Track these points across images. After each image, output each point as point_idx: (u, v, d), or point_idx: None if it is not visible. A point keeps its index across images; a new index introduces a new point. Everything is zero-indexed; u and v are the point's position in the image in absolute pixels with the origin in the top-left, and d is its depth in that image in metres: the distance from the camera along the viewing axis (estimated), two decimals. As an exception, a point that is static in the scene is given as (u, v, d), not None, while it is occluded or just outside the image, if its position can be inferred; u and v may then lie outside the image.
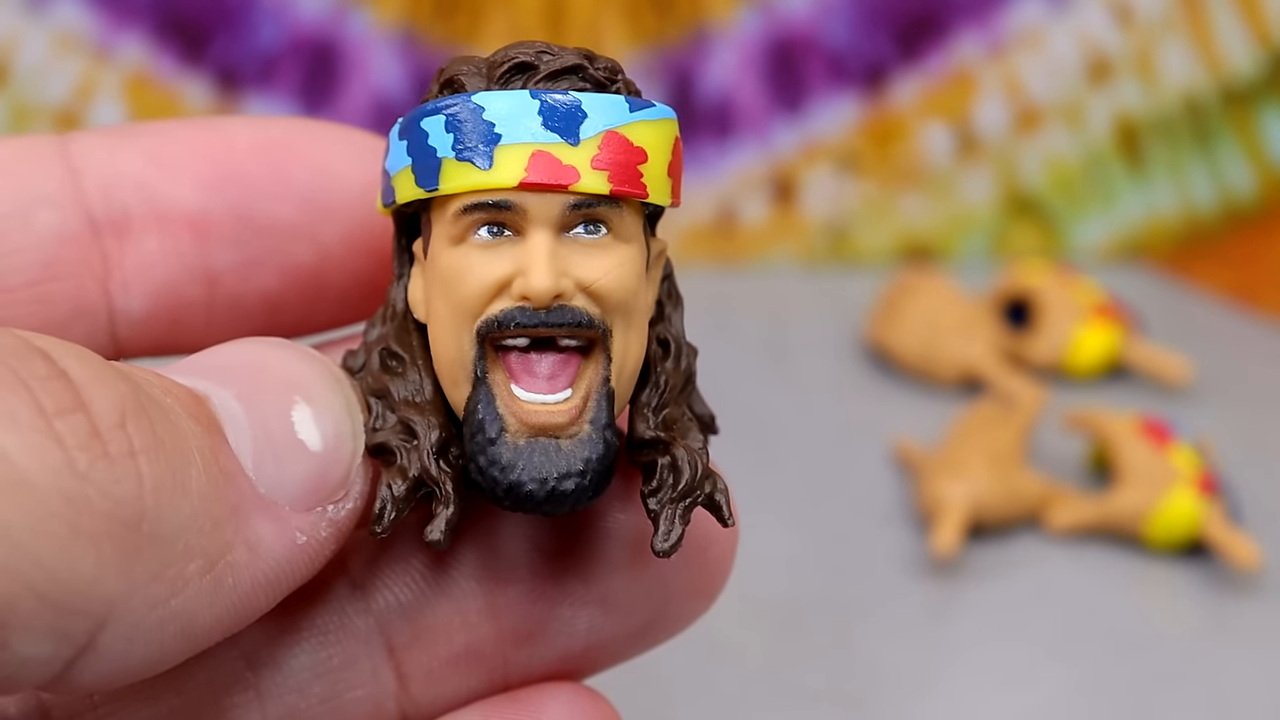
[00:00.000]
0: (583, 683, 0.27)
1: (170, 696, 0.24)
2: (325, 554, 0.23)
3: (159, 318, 0.27)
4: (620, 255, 0.23)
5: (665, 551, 0.23)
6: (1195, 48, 0.67)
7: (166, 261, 0.27)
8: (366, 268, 0.28)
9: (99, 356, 0.21)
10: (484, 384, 0.23)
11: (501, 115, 0.23)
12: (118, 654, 0.20)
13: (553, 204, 0.23)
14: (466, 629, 0.26)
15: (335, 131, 0.28)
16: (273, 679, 0.25)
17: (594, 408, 0.23)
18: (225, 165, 0.27)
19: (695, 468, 0.24)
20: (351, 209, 0.27)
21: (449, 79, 0.24)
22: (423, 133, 0.24)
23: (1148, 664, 0.47)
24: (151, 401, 0.21)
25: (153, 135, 0.27)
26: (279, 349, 0.24)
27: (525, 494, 0.23)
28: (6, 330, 0.20)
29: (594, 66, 0.24)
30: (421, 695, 0.26)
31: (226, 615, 0.21)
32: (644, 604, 0.26)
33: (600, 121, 0.23)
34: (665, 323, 0.25)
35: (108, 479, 0.19)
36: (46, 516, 0.19)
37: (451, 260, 0.23)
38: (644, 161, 0.23)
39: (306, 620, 0.25)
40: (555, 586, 0.26)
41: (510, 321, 0.23)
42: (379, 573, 0.26)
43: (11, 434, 0.19)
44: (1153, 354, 0.61)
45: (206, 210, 0.27)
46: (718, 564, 0.27)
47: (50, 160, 0.26)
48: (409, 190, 0.24)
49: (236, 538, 0.21)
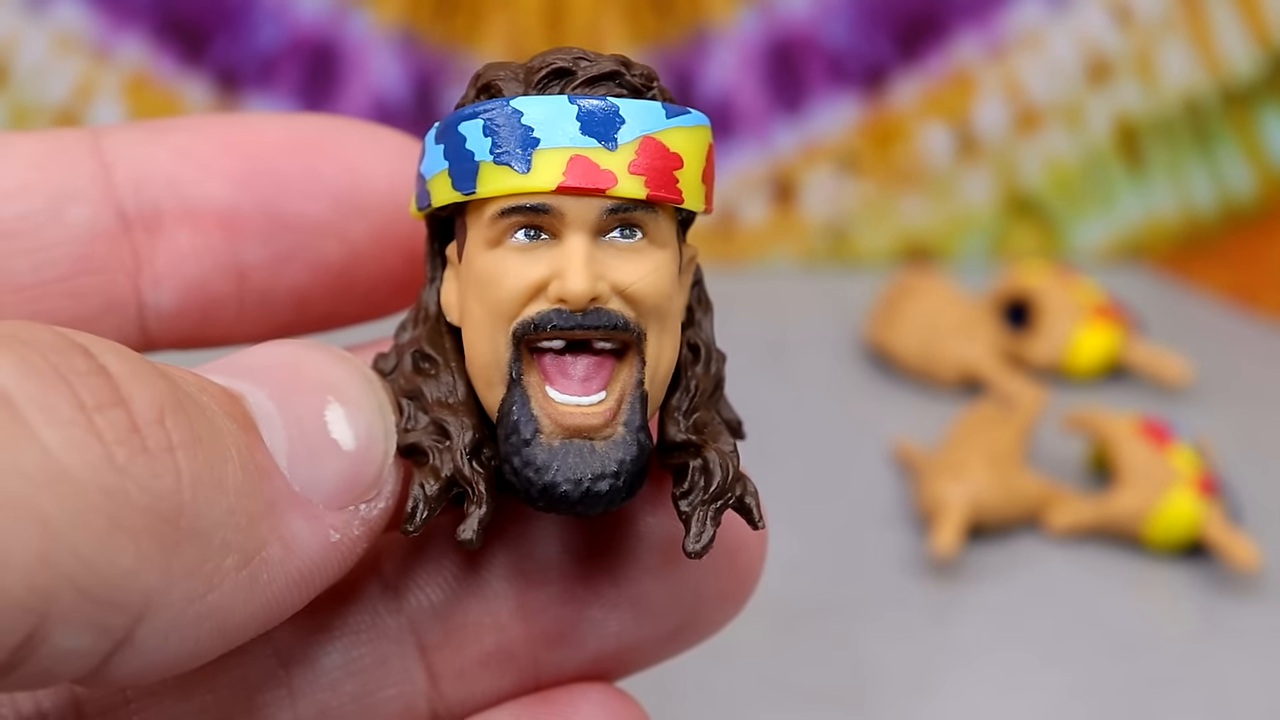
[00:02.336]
0: (615, 684, 0.27)
1: (203, 693, 0.24)
2: (357, 552, 0.23)
3: (189, 312, 0.27)
4: (655, 260, 0.24)
5: (697, 553, 0.24)
6: (1195, 48, 0.67)
7: (197, 256, 0.27)
8: (394, 264, 0.28)
9: (136, 353, 0.21)
10: (519, 386, 0.23)
11: (539, 120, 0.23)
12: (154, 648, 0.20)
13: (590, 208, 0.23)
14: (498, 629, 0.26)
15: (364, 129, 0.28)
16: (305, 677, 0.25)
17: (628, 410, 0.23)
18: (255, 162, 0.27)
19: (727, 470, 0.24)
20: (380, 206, 0.28)
21: (486, 84, 0.24)
22: (460, 136, 0.24)
23: (1147, 664, 0.47)
24: (189, 398, 0.21)
25: (183, 131, 0.28)
26: (312, 350, 0.24)
27: (560, 495, 0.23)
28: (46, 326, 0.20)
29: (630, 73, 0.24)
30: (453, 694, 0.26)
31: (261, 611, 0.22)
32: (674, 607, 0.26)
33: (637, 127, 0.23)
34: (696, 328, 0.25)
35: (146, 473, 0.20)
36: (86, 510, 0.19)
37: (488, 263, 0.23)
38: (680, 167, 0.24)
39: (339, 619, 0.25)
40: (586, 588, 0.26)
41: (547, 324, 0.23)
42: (411, 573, 0.26)
43: (52, 428, 0.19)
44: (1152, 354, 0.61)
45: (237, 206, 0.27)
46: (747, 568, 0.27)
47: (82, 156, 0.27)
48: (445, 194, 0.24)
49: (272, 534, 0.22)
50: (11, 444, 0.18)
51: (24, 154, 0.26)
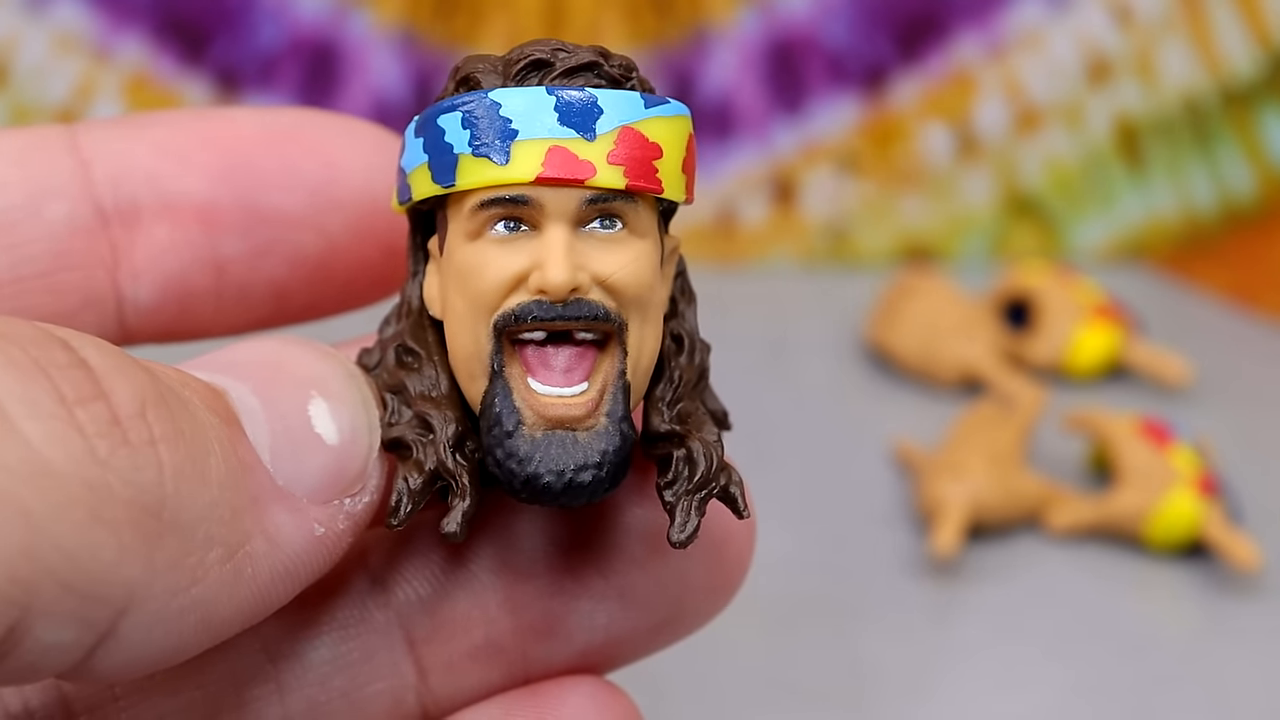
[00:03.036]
0: (604, 677, 0.27)
1: (191, 688, 0.24)
2: (342, 546, 0.23)
3: (167, 306, 0.27)
4: (636, 250, 0.24)
5: (681, 542, 0.24)
6: (1195, 48, 0.67)
7: (175, 251, 0.27)
8: (372, 256, 0.28)
9: (117, 348, 0.21)
10: (501, 377, 0.23)
11: (518, 111, 0.23)
12: (138, 642, 0.20)
13: (569, 199, 0.23)
14: (486, 623, 0.26)
15: (341, 122, 0.28)
16: (293, 672, 0.25)
17: (610, 400, 0.23)
18: (233, 156, 0.27)
19: (711, 460, 0.24)
20: (357, 198, 0.28)
21: (465, 76, 0.24)
22: (439, 129, 0.24)
23: (1147, 664, 0.47)
24: (170, 392, 0.21)
25: (160, 126, 0.28)
26: (295, 346, 0.24)
27: (543, 486, 0.23)
28: (26, 320, 0.20)
29: (609, 64, 0.24)
30: (441, 688, 0.26)
31: (246, 605, 0.22)
32: (662, 599, 0.26)
33: (616, 117, 0.23)
34: (679, 318, 0.25)
35: (128, 466, 0.20)
36: (68, 503, 0.19)
37: (468, 255, 0.24)
38: (659, 157, 0.24)
39: (327, 614, 0.25)
40: (574, 581, 0.26)
41: (527, 315, 0.23)
42: (398, 567, 0.26)
43: (33, 421, 0.19)
44: (1152, 354, 0.61)
45: (214, 200, 0.27)
46: (736, 560, 0.27)
47: (60, 151, 0.27)
48: (425, 187, 0.24)
49: (255, 527, 0.22)
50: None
51: (2, 151, 0.27)
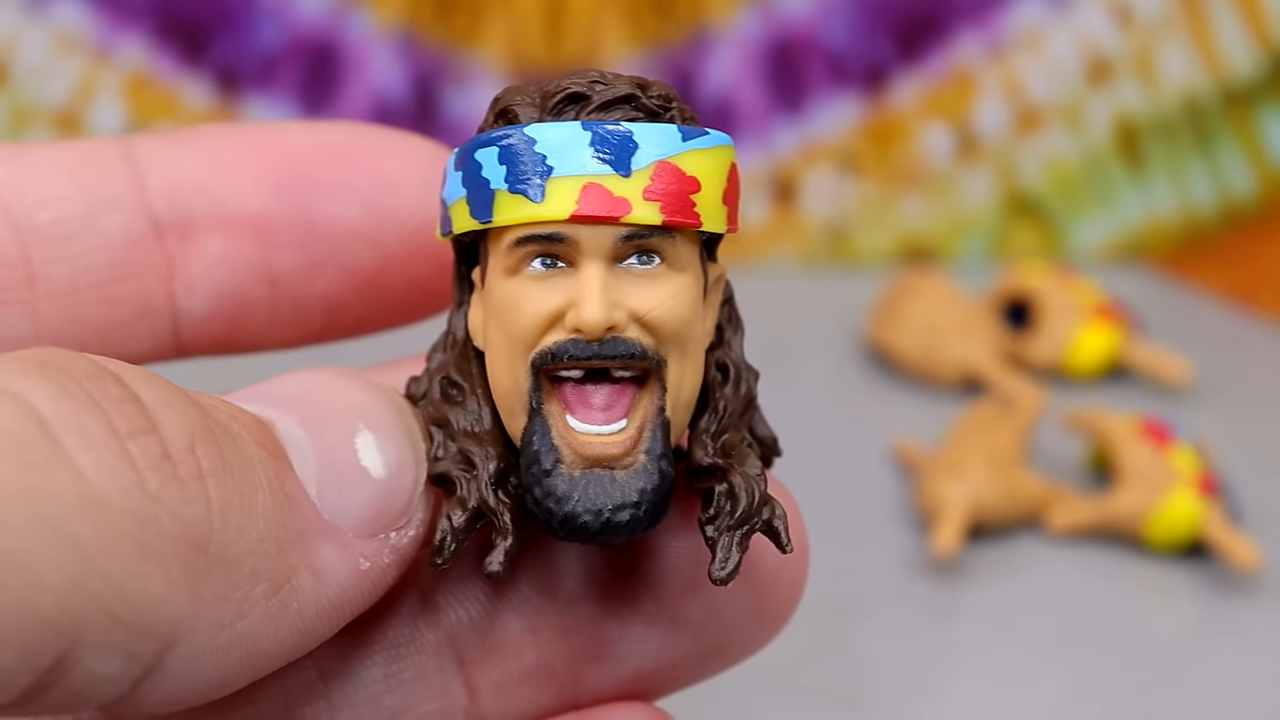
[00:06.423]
0: (653, 704, 0.27)
1: (243, 705, 0.24)
2: (388, 580, 0.23)
3: (222, 317, 0.28)
4: (674, 285, 0.23)
5: (722, 579, 0.23)
6: (1195, 48, 0.67)
7: (230, 263, 0.27)
8: (425, 270, 0.28)
9: (168, 381, 0.21)
10: (539, 415, 0.23)
11: (553, 147, 0.23)
12: (184, 675, 0.20)
13: (605, 235, 0.23)
14: (537, 645, 0.26)
15: (395, 137, 0.28)
16: (344, 691, 0.25)
17: (649, 438, 0.23)
18: (288, 169, 0.27)
19: (753, 495, 0.24)
20: (411, 213, 0.28)
21: (503, 109, 0.24)
22: (476, 164, 0.24)
23: (1148, 665, 0.47)
24: (219, 426, 0.21)
25: (215, 140, 0.28)
26: (342, 378, 0.24)
27: (580, 525, 0.23)
28: (81, 354, 0.21)
29: (646, 95, 0.24)
30: (491, 710, 0.26)
31: (290, 639, 0.22)
32: (714, 626, 0.26)
33: (652, 152, 0.23)
34: (725, 347, 0.25)
35: (177, 500, 0.20)
36: (118, 535, 0.19)
37: (506, 291, 0.23)
38: (697, 191, 0.23)
39: (378, 633, 0.25)
40: (628, 605, 0.26)
41: (564, 354, 0.23)
42: (449, 588, 0.26)
43: (87, 452, 0.19)
44: (1153, 354, 0.61)
45: (269, 213, 0.27)
46: (788, 590, 0.27)
47: (114, 163, 0.27)
48: (464, 221, 0.24)
49: (301, 562, 0.22)
50: (47, 466, 0.18)
51: (57, 162, 0.27)
